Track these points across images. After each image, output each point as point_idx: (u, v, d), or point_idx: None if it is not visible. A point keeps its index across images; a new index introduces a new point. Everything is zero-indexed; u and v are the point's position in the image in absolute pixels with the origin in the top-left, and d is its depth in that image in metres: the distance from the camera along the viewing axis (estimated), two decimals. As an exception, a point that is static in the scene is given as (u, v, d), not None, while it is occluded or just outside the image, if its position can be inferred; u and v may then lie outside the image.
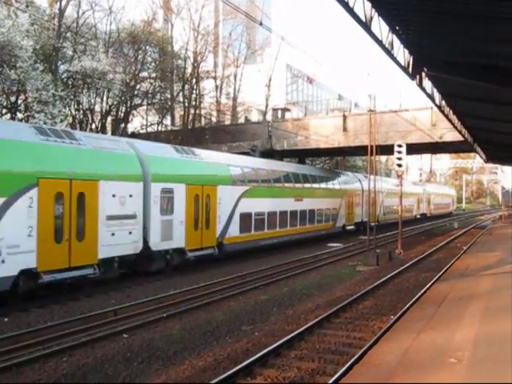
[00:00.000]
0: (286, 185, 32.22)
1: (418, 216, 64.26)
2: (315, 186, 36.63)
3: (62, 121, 31.61)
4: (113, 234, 18.38)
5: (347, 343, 12.32)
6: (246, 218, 26.88)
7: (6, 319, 14.39)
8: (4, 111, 34.02)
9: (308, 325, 13.36)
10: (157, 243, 20.67)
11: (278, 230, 30.39)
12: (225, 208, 25.04)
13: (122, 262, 19.26)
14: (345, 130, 38.32)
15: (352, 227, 42.65)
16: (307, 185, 35.17)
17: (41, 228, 15.68)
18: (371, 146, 29.32)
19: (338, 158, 62.31)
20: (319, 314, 14.70)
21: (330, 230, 38.43)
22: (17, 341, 11.99)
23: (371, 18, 11.77)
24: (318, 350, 11.79)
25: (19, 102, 34.16)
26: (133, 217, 19.43)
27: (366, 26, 11.66)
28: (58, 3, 37.65)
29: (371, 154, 29.67)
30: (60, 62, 37.39)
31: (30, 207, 15.38)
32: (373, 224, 42.76)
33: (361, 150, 38.06)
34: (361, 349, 11.18)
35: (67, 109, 36.88)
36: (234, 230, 25.83)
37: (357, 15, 11.11)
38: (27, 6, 33.43)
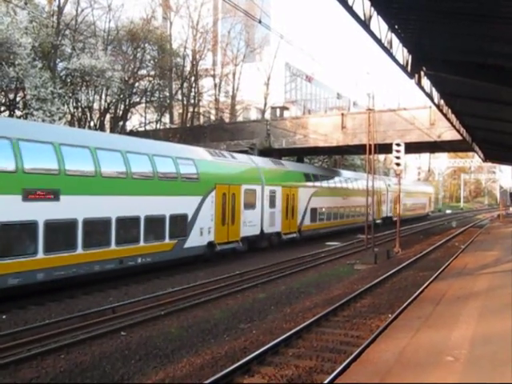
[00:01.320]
0: None
1: (379, 221, 47.89)
2: (118, 170, 19.54)
3: (60, 118, 31.61)
4: None
5: (345, 341, 12.33)
6: None
7: (4, 316, 14.41)
8: (2, 108, 33.98)
9: (306, 323, 13.37)
10: None
11: None
12: None
13: None
14: (343, 128, 38.32)
15: (232, 246, 25.94)
16: (87, 168, 18.21)
17: None
18: (370, 145, 29.34)
19: (337, 156, 62.35)
20: (317, 313, 14.71)
21: (163, 254, 21.17)
22: (14, 338, 11.99)
23: (370, 17, 11.77)
24: (315, 348, 11.80)
25: (18, 99, 34.13)
26: None
27: (365, 24, 11.65)
28: (57, 0, 37.62)
29: (370, 153, 29.68)
30: (59, 60, 37.38)
31: None
32: (287, 237, 31.56)
33: (359, 149, 38.08)
34: (358, 347, 11.19)
35: (66, 106, 36.84)
36: None
37: (356, 14, 11.11)
38: (26, 3, 33.38)
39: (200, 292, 17.66)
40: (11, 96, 34.08)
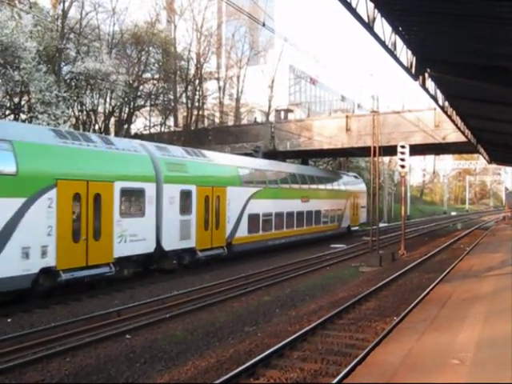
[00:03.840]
0: None
1: (174, 264, 22.35)
2: None
3: (65, 122, 31.64)
4: None
5: (350, 344, 12.31)
6: None
7: (9, 320, 14.42)
8: (7, 112, 34.06)
9: (311, 326, 13.35)
10: None
11: None
12: None
13: None
14: (348, 130, 38.28)
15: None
16: None
17: None
18: (374, 147, 29.30)
19: (341, 158, 62.25)
20: (322, 315, 14.69)
21: None
22: (20, 341, 12.01)
23: (374, 19, 11.76)
24: (320, 350, 11.77)
25: (22, 102, 34.21)
26: None
27: (368, 26, 11.65)
28: (62, 4, 37.67)
29: (374, 155, 29.63)
30: (63, 63, 37.41)
31: None
32: None
33: (364, 151, 37.97)
34: (364, 350, 11.17)
35: (70, 110, 36.89)
36: None
37: (360, 16, 11.11)
38: (30, 7, 33.47)
39: (205, 295, 17.66)
40: (16, 100, 34.15)
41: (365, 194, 47.81)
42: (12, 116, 33.55)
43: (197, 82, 52.44)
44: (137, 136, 42.98)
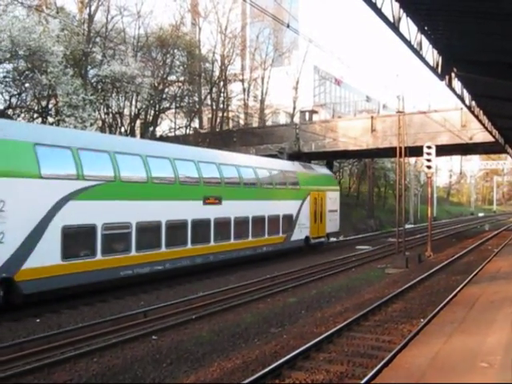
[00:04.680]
0: None
1: None
2: None
3: (91, 124, 31.96)
4: None
5: (376, 346, 12.23)
6: None
7: (37, 320, 14.65)
8: (35, 115, 34.57)
9: (337, 327, 13.31)
10: None
11: None
12: None
13: None
14: (373, 131, 38.00)
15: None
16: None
17: None
18: (400, 148, 29.07)
19: (367, 159, 61.89)
20: (348, 317, 14.62)
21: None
22: (48, 341, 12.18)
23: (399, 19, 11.66)
24: (346, 352, 11.72)
25: (50, 106, 34.69)
26: None
27: (394, 26, 11.56)
28: (88, 9, 38.13)
29: (400, 156, 29.40)
30: (90, 67, 37.84)
31: None
32: None
33: (389, 152, 37.71)
34: (390, 352, 11.08)
35: (97, 112, 37.25)
36: None
37: (385, 16, 11.02)
38: (57, 12, 33.93)
39: (231, 296, 17.71)
40: (44, 103, 34.66)
41: (336, 192, 36.06)
42: (40, 119, 34.03)
43: (221, 83, 52.63)
44: (162, 138, 43.30)
